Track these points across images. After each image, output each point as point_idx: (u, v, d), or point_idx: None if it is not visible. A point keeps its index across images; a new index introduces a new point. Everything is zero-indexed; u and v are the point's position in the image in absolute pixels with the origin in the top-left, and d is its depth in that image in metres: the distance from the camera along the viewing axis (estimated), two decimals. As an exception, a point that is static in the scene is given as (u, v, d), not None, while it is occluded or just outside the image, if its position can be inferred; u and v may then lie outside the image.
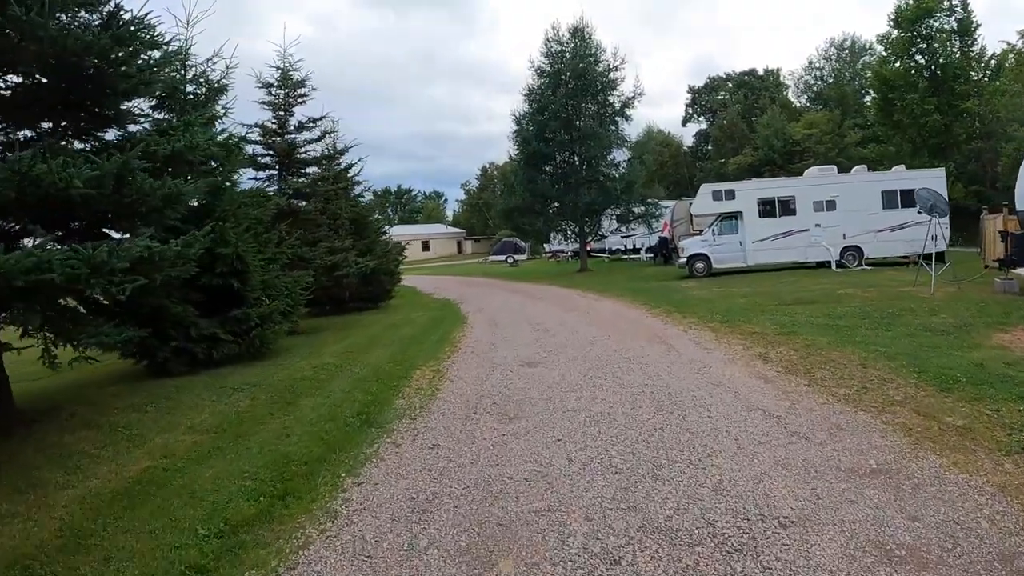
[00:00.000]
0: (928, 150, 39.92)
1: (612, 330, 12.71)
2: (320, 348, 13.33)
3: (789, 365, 8.85)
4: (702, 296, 17.52)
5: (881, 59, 45.69)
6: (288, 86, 17.29)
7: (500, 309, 17.91)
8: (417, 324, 16.02)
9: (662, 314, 14.59)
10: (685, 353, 10.05)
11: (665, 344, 10.88)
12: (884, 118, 44.32)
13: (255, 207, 13.71)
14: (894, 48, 42.77)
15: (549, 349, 11.01)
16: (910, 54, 41.92)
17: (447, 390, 8.66)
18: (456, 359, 10.85)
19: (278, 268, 13.90)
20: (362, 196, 22.63)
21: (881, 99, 44.05)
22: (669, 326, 12.91)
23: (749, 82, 73.50)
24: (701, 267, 24.10)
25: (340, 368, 10.89)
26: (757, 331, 11.52)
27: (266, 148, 17.01)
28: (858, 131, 58.12)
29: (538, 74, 32.04)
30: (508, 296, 21.83)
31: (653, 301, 16.90)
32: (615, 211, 33.07)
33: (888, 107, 42.45)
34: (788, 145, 57.99)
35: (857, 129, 58.74)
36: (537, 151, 30.65)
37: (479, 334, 13.47)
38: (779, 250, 24.11)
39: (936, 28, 40.85)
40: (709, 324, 12.68)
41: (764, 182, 26.65)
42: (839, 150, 53.79)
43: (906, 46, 41.54)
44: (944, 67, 39.94)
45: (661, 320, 13.77)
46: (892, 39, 42.98)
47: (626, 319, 14.24)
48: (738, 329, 11.88)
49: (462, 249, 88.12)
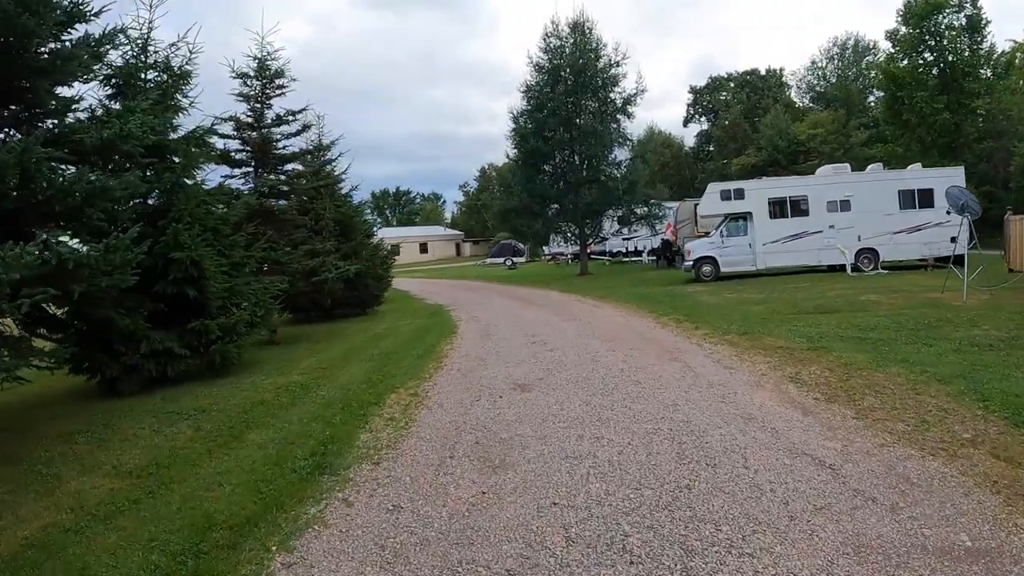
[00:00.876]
0: (938, 150, 38.58)
1: (617, 343, 11.30)
2: (291, 363, 11.95)
3: (828, 390, 7.46)
4: (713, 302, 16.14)
5: (889, 56, 44.42)
6: (265, 77, 15.89)
7: (494, 316, 16.51)
8: (402, 334, 14.63)
9: (671, 324, 13.20)
10: (704, 374, 8.64)
11: (679, 361, 9.47)
12: (892, 117, 43.04)
13: (220, 206, 12.35)
14: (902, 45, 41.53)
15: (546, 367, 9.60)
16: (918, 51, 40.66)
17: (423, 422, 7.25)
18: (439, 379, 9.44)
19: (247, 273, 12.53)
20: (350, 195, 21.24)
21: (889, 97, 42.80)
22: (681, 338, 11.51)
23: (752, 82, 72.11)
24: (708, 271, 22.68)
25: (306, 389, 9.50)
26: (782, 345, 10.14)
27: (242, 143, 15.63)
28: (864, 131, 56.93)
29: (536, 70, 30.68)
30: (504, 302, 20.43)
31: (660, 308, 15.52)
32: (616, 212, 31.65)
33: (896, 106, 41.17)
34: (793, 145, 56.60)
35: (863, 129, 57.53)
36: (535, 149, 29.25)
37: (469, 347, 12.08)
38: (791, 253, 22.70)
39: (945, 24, 39.61)
40: (726, 336, 11.29)
41: (775, 181, 25.22)
42: (845, 150, 52.52)
43: (914, 43, 40.28)
44: (953, 64, 38.65)
45: (671, 331, 12.37)
46: (900, 36, 41.76)
47: (632, 329, 12.83)
48: (759, 343, 10.50)
49: (461, 251, 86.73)
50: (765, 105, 66.15)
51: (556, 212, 31.54)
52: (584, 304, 18.06)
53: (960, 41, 39.39)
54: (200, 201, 11.63)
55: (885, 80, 42.79)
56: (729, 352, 9.97)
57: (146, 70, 11.90)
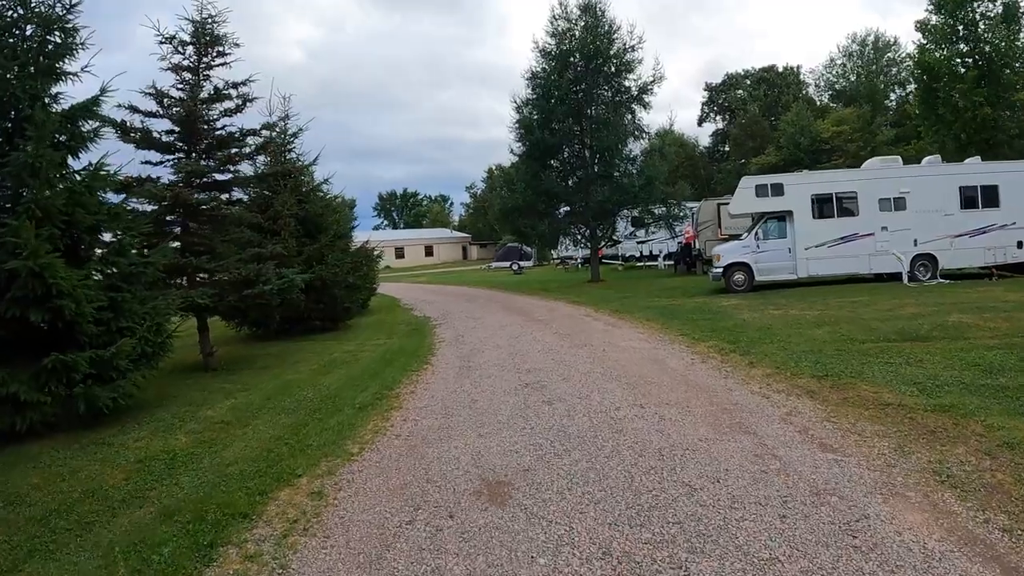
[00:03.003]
0: (975, 147, 34.91)
1: (647, 391, 7.79)
2: (194, 408, 8.64)
3: (1012, 504, 4.08)
4: (758, 322, 12.62)
5: (921, 48, 40.76)
6: (202, 44, 12.51)
7: (484, 338, 13.03)
8: (362, 362, 11.21)
9: (714, 355, 9.70)
10: (794, 464, 5.14)
11: (747, 433, 5.98)
12: (926, 112, 39.32)
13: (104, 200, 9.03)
14: (933, 35, 37.89)
15: (539, 442, 6.11)
16: (952, 41, 37.07)
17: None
18: (369, 459, 5.97)
19: (145, 286, 9.20)
20: (321, 190, 17.93)
21: (923, 90, 39.13)
22: (735, 383, 8.01)
23: (769, 78, 68.43)
24: (741, 279, 19.10)
25: (169, 470, 6.13)
26: (890, 401, 6.71)
27: (174, 123, 12.27)
28: (891, 129, 53.23)
29: (543, 56, 27.13)
30: (501, 317, 16.93)
31: (694, 329, 12.01)
32: (631, 212, 28.07)
33: (931, 100, 37.52)
34: (815, 143, 52.79)
35: (889, 127, 53.84)
36: (541, 142, 25.71)
37: (436, 390, 8.62)
38: (837, 259, 19.07)
39: (980, 13, 36.03)
40: (798, 380, 7.83)
41: (819, 175, 21.63)
42: (871, 148, 48.82)
43: (947, 33, 36.71)
44: (991, 56, 35.05)
45: (717, 369, 8.86)
46: (931, 26, 38.13)
47: (663, 366, 9.30)
48: (852, 394, 7.06)
49: (468, 254, 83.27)
50: (784, 102, 62.53)
51: (565, 213, 28.05)
52: (597, 321, 14.54)
53: (997, 31, 35.75)
54: (71, 191, 8.34)
55: (919, 72, 39.10)
56: (816, 413, 6.49)
57: (24, 23, 8.72)
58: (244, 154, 11.74)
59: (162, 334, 9.17)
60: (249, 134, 12.30)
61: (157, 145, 12.07)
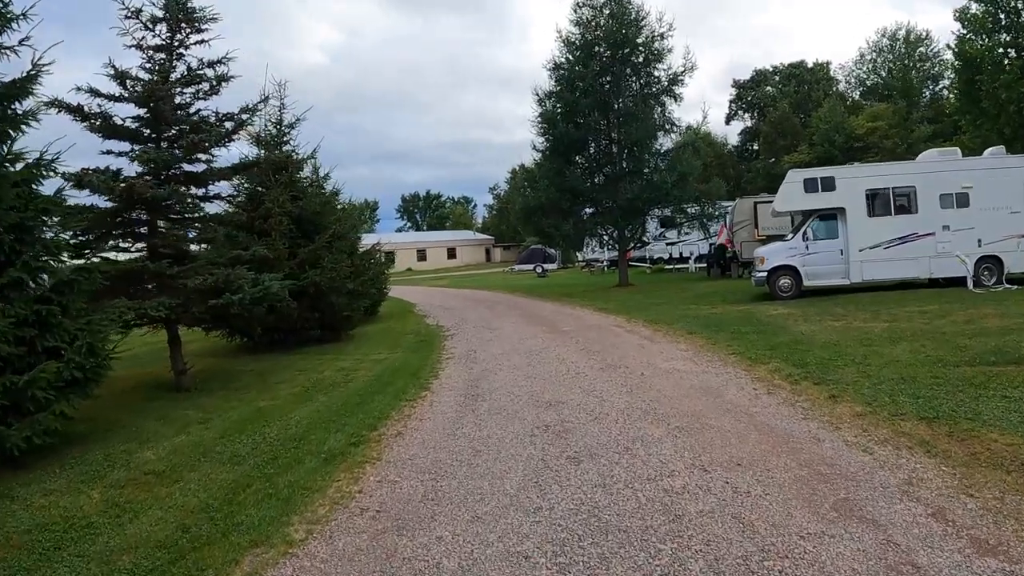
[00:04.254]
0: (1020, 142, 32.18)
1: (708, 445, 5.71)
2: (134, 448, 6.89)
3: None
4: (819, 336, 10.52)
5: (960, 38, 38.04)
6: (175, 19, 10.73)
7: (499, 356, 11.08)
8: (351, 387, 9.31)
9: (782, 384, 7.65)
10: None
11: (865, 523, 3.92)
12: (968, 106, 36.57)
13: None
14: (973, 25, 35.21)
15: (564, 537, 4.10)
16: (995, 30, 34.38)
17: None
18: (303, 566, 4.09)
19: (79, 297, 7.43)
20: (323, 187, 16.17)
21: (963, 83, 36.41)
22: (821, 429, 5.94)
23: (799, 74, 65.58)
24: (787, 284, 16.91)
25: (55, 549, 4.36)
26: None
27: (138, 106, 10.54)
28: (928, 125, 50.33)
29: (566, 45, 25.13)
30: (521, 327, 14.96)
31: (747, 347, 9.94)
32: (662, 212, 25.86)
33: (972, 92, 34.83)
34: (849, 140, 49.98)
35: (926, 123, 50.93)
36: (565, 135, 23.64)
37: (428, 435, 6.64)
38: (895, 262, 16.80)
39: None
40: (901, 425, 5.82)
41: (874, 167, 19.32)
42: (907, 145, 46.04)
43: (990, 21, 34.03)
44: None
45: (793, 406, 6.76)
46: (971, 14, 35.46)
47: (723, 402, 7.17)
48: (982, 447, 5.16)
49: (491, 257, 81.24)
50: (816, 98, 59.71)
51: (592, 213, 25.92)
52: (631, 334, 12.51)
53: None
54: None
55: (960, 64, 36.42)
56: (944, 480, 4.50)
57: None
58: (213, 140, 9.87)
59: (98, 355, 7.38)
60: (226, 119, 10.50)
61: (119, 132, 10.32)
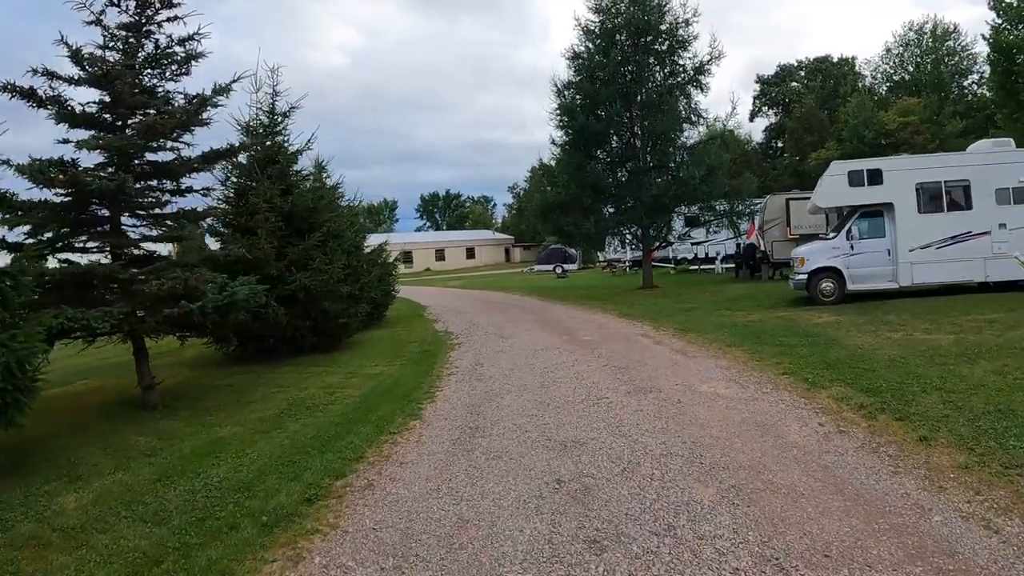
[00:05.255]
0: (1061, 136, 30.07)
1: (779, 520, 4.08)
2: (56, 490, 5.63)
3: None
4: (880, 351, 8.84)
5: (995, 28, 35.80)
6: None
7: (509, 374, 9.46)
8: (327, 412, 7.77)
9: (854, 418, 5.98)
10: None
11: None
12: (1004, 98, 34.39)
13: None
14: (1008, 14, 32.99)
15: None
16: (1030, 20, 32.20)
17: None
18: None
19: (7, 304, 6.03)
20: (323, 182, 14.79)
21: (1000, 75, 34.21)
22: (922, 490, 4.33)
23: (825, 69, 63.22)
24: (830, 288, 15.15)
25: None
26: None
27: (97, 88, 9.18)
28: (960, 120, 47.93)
29: (585, 34, 23.49)
30: (536, 335, 13.36)
31: (799, 364, 8.27)
32: (688, 209, 24.05)
33: (1008, 85, 32.65)
34: (880, 136, 47.69)
35: (959, 118, 48.49)
36: (585, 127, 21.96)
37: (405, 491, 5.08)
38: (948, 263, 14.94)
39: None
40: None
41: (924, 159, 17.48)
42: (939, 141, 43.78)
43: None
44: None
45: (877, 453, 5.11)
46: (1006, 3, 33.24)
47: (786, 447, 5.50)
48: None
49: (510, 257, 79.54)
50: (843, 93, 57.38)
51: (614, 211, 24.22)
52: (661, 346, 10.87)
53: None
54: None
55: (995, 55, 34.22)
56: None
57: None
58: (174, 122, 8.44)
59: (16, 376, 5.98)
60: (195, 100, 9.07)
61: (77, 119, 8.96)
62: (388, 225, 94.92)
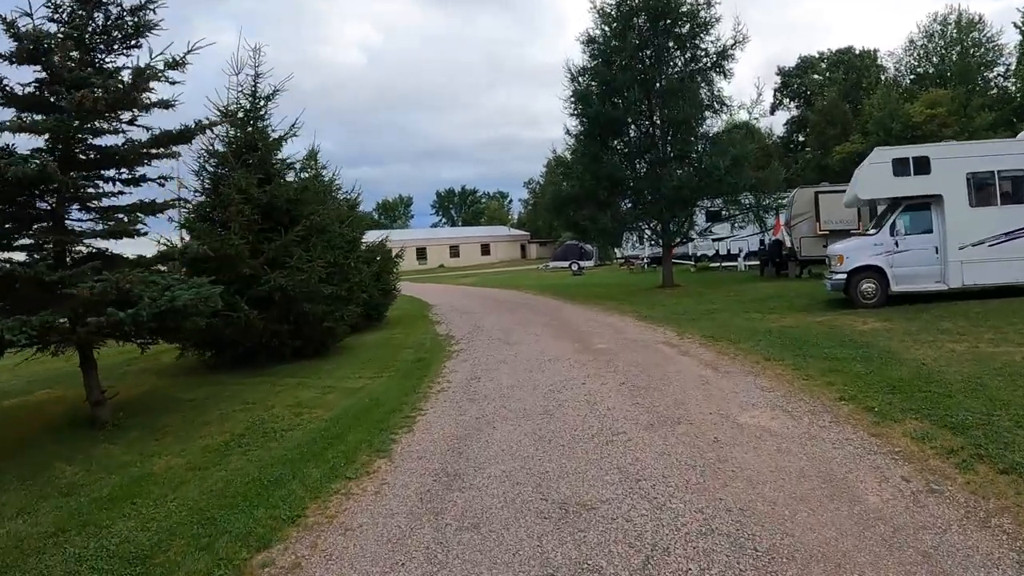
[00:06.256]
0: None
1: None
2: None
3: None
4: (948, 369, 7.28)
5: (1025, 15, 33.74)
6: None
7: (508, 393, 8.00)
8: (285, 440, 6.35)
9: (953, 475, 4.40)
10: None
11: None
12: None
13: None
14: None
15: None
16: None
17: None
18: None
19: None
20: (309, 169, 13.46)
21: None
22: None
23: (847, 60, 60.99)
24: (871, 289, 13.50)
25: None
26: None
27: (36, 64, 7.89)
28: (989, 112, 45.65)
29: (600, 17, 21.90)
30: (545, 342, 11.89)
31: (859, 386, 6.69)
32: (712, 202, 22.34)
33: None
34: (906, 129, 45.53)
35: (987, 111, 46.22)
36: (601, 115, 20.41)
37: (347, 567, 3.83)
38: (1004, 262, 13.20)
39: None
40: None
41: (975, 146, 15.80)
42: (968, 133, 41.66)
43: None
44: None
45: (987, 527, 3.61)
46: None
47: (866, 520, 3.97)
48: None
49: (526, 253, 77.94)
50: (866, 85, 55.19)
51: (631, 205, 22.61)
52: (687, 357, 9.33)
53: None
54: None
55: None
56: None
57: None
58: (111, 96, 7.09)
59: None
60: (135, 74, 7.72)
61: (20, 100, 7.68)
62: (403, 221, 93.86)
